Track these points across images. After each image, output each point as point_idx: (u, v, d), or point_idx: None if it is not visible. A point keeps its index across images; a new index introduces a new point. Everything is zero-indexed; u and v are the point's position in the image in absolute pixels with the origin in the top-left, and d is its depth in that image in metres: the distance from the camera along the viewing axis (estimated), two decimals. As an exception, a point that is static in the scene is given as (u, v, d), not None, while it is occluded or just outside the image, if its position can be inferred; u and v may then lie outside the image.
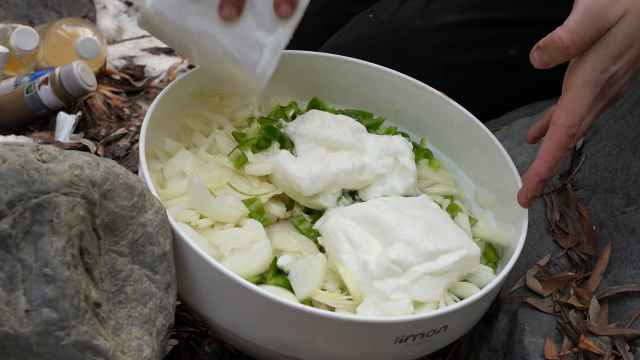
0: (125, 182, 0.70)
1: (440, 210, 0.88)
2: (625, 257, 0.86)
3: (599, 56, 0.76)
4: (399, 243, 0.78)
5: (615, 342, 0.79)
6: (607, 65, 0.77)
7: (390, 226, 0.80)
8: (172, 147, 0.92)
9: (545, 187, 0.83)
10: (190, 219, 0.82)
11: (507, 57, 1.21)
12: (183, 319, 0.97)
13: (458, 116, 1.01)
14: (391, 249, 0.78)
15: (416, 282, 0.77)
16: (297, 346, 0.75)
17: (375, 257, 0.78)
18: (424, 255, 0.78)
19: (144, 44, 1.77)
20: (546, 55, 0.77)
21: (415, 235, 0.79)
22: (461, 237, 0.83)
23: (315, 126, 0.91)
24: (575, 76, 0.77)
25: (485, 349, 0.89)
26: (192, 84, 0.97)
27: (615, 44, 0.76)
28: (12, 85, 1.35)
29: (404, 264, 0.77)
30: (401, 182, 0.92)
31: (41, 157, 0.63)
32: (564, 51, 0.75)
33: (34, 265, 0.60)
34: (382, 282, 0.76)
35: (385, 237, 0.80)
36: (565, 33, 0.75)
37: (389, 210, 0.82)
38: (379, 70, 1.05)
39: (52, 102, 1.32)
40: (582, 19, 0.75)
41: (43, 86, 1.31)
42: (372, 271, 0.77)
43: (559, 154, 0.78)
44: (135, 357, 0.66)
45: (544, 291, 0.87)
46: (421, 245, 0.78)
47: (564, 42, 0.75)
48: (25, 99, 1.32)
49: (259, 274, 0.80)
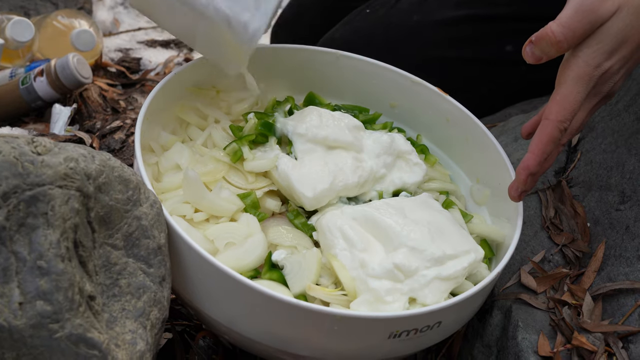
0: (120, 175, 0.70)
1: (443, 210, 0.88)
2: (619, 254, 0.87)
3: (592, 51, 0.76)
4: (404, 249, 0.78)
5: (609, 339, 0.79)
6: (600, 60, 0.77)
7: (395, 231, 0.80)
8: (168, 141, 0.92)
9: (536, 182, 0.83)
10: (185, 213, 0.82)
11: (504, 53, 1.21)
12: (177, 312, 0.97)
13: (454, 112, 1.01)
14: (396, 254, 0.78)
15: (427, 286, 0.77)
16: (291, 341, 0.75)
17: (378, 259, 0.78)
18: (432, 261, 0.78)
19: (140, 37, 1.76)
20: (538, 49, 0.77)
21: (420, 240, 0.79)
22: (467, 240, 0.84)
23: (313, 125, 0.91)
24: (568, 71, 0.77)
25: (479, 344, 0.89)
26: (188, 77, 0.96)
27: (609, 40, 0.76)
28: (8, 77, 1.34)
29: (407, 270, 0.77)
30: (413, 177, 0.93)
31: (36, 149, 0.63)
32: (556, 45, 0.75)
33: (28, 257, 0.59)
34: (379, 282, 0.76)
35: (389, 242, 0.80)
36: (557, 27, 0.75)
37: (392, 214, 0.82)
38: (376, 65, 1.05)
39: (47, 94, 1.31)
40: (575, 13, 0.75)
41: (38, 78, 1.30)
42: (373, 269, 0.77)
43: (549, 148, 0.78)
44: (129, 350, 0.66)
45: (538, 287, 0.88)
46: (428, 251, 0.78)
47: (556, 36, 0.75)
48: (20, 90, 1.31)
49: (254, 268, 0.80)
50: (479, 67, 1.23)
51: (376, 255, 0.79)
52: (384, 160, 0.92)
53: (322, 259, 0.81)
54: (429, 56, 1.22)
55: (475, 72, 1.24)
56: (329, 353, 0.76)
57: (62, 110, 1.31)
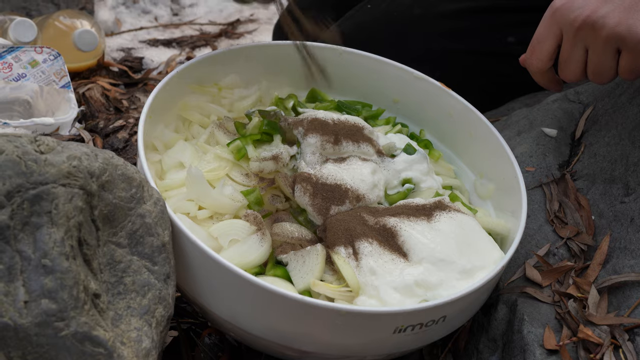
0: (123, 173, 0.70)
1: (467, 213, 0.88)
2: (624, 246, 0.86)
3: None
4: (427, 264, 0.79)
5: (615, 331, 0.79)
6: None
7: (420, 242, 0.80)
8: (171, 139, 0.92)
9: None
10: (189, 210, 0.82)
11: (506, 45, 1.20)
12: (183, 310, 0.97)
13: (457, 106, 1.01)
14: (418, 268, 0.78)
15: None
16: (296, 337, 0.75)
17: (398, 271, 0.78)
18: (462, 273, 0.79)
19: (142, 36, 1.77)
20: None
21: (448, 252, 0.80)
22: (492, 247, 0.84)
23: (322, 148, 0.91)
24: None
25: (484, 338, 0.89)
26: (190, 75, 0.96)
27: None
28: (10, 78, 1.34)
29: (428, 285, 0.77)
30: (436, 184, 0.93)
31: (39, 148, 0.63)
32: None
33: (32, 256, 0.59)
34: (393, 294, 0.76)
35: (414, 254, 0.80)
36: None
37: (415, 224, 0.82)
38: (378, 60, 1.04)
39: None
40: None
41: None
42: (393, 281, 0.77)
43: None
44: (135, 347, 0.66)
45: (543, 281, 0.87)
46: (457, 263, 0.79)
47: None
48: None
49: (258, 265, 0.80)
50: (481, 59, 1.23)
51: (395, 266, 0.79)
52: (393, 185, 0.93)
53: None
54: (431, 49, 1.22)
55: (478, 64, 1.23)
56: (333, 348, 0.76)
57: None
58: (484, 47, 1.22)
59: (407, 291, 0.76)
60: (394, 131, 1.01)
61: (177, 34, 1.82)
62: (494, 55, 1.22)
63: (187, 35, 1.81)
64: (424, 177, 0.93)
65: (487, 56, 1.23)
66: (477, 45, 1.22)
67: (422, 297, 0.76)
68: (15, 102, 1.22)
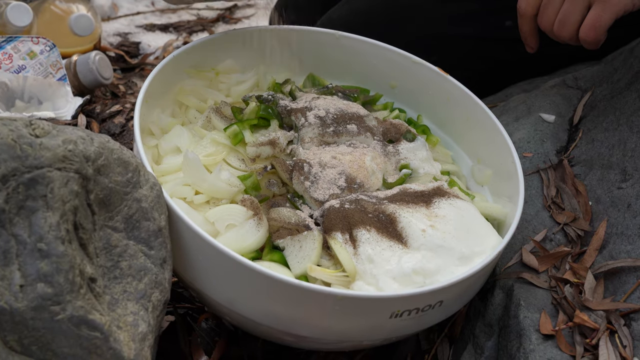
0: (119, 157, 0.70)
1: (465, 199, 0.88)
2: (620, 232, 0.86)
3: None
4: (425, 250, 0.78)
5: (611, 316, 0.79)
6: None
7: (419, 228, 0.80)
8: (167, 123, 0.92)
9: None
10: (186, 195, 0.82)
11: (504, 29, 1.20)
12: (179, 295, 0.97)
13: (454, 92, 1.00)
14: (416, 255, 0.78)
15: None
16: (292, 321, 0.75)
17: (396, 259, 0.78)
18: (461, 259, 0.79)
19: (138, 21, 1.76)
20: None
21: (447, 238, 0.79)
22: (490, 232, 0.84)
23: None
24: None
25: (480, 324, 0.89)
26: (187, 60, 0.96)
27: None
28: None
29: (427, 272, 0.77)
30: (434, 171, 0.93)
31: (34, 131, 0.63)
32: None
33: (28, 240, 0.59)
34: (391, 283, 0.76)
35: (413, 240, 0.79)
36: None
37: (415, 211, 0.82)
38: (376, 45, 1.04)
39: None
40: None
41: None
42: (390, 270, 0.77)
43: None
44: (131, 332, 0.66)
45: (539, 266, 0.88)
46: (456, 250, 0.79)
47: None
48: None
49: (255, 249, 0.79)
50: (478, 43, 1.23)
51: (393, 253, 0.79)
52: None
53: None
54: (428, 34, 1.21)
55: (476, 49, 1.23)
56: (330, 333, 0.76)
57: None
58: (482, 31, 1.22)
59: (406, 279, 0.76)
60: (392, 117, 1.01)
61: (174, 18, 1.81)
62: (491, 40, 1.22)
63: (184, 20, 1.80)
64: (423, 164, 0.92)
65: (485, 41, 1.22)
66: (475, 30, 1.22)
67: (420, 285, 0.76)
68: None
